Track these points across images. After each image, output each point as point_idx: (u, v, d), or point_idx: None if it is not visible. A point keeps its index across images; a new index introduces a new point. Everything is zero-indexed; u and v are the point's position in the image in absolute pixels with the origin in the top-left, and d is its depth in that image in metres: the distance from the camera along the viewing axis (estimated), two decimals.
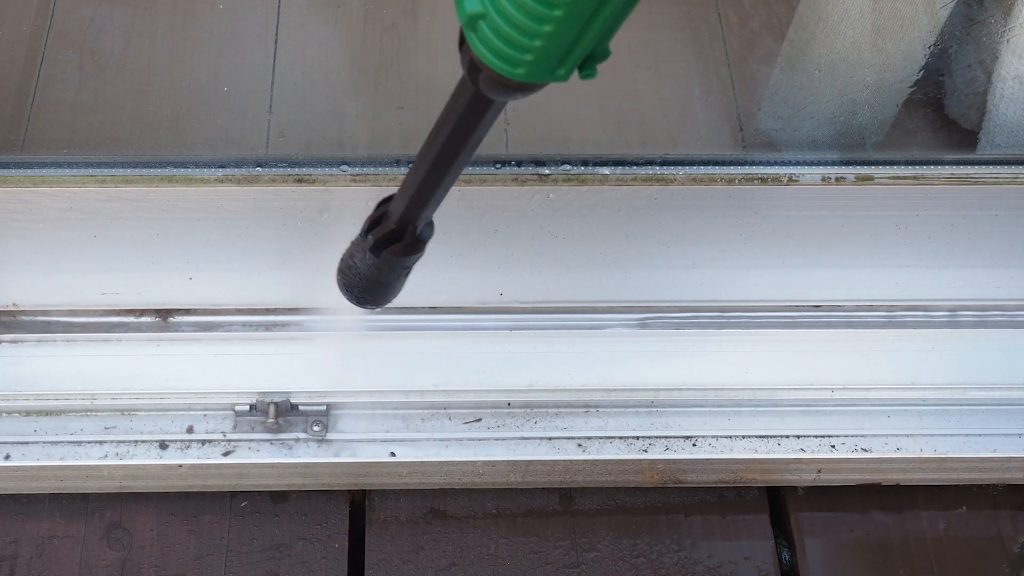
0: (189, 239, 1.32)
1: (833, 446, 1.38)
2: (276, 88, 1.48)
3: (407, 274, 1.07)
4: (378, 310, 1.17)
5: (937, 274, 1.41)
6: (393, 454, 1.35)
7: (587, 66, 0.78)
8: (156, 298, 1.38)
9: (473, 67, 0.80)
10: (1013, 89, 1.36)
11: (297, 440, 1.36)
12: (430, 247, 1.35)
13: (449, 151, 0.91)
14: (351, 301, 1.10)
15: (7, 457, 1.33)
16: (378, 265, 1.03)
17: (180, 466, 1.34)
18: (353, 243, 1.07)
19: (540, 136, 1.46)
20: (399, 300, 1.40)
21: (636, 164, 1.28)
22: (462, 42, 0.81)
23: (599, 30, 0.75)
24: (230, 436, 1.35)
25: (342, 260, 1.09)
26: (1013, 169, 1.30)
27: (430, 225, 1.04)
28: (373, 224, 1.02)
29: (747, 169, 1.29)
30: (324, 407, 1.36)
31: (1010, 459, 1.39)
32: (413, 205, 0.98)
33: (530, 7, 0.73)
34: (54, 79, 1.50)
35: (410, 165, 1.29)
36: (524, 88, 0.80)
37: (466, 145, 0.90)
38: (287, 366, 1.37)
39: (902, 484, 1.42)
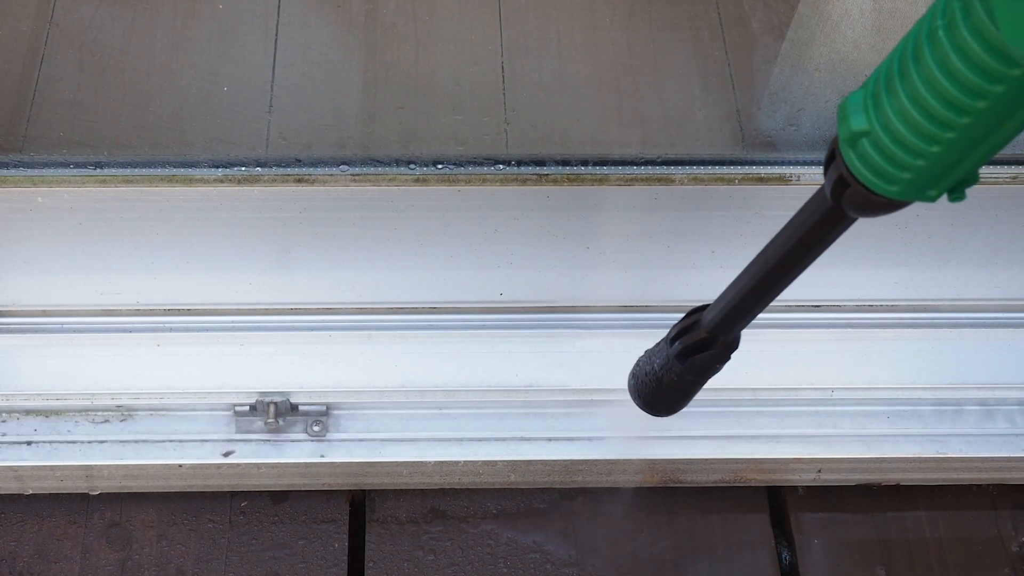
0: (189, 239, 1.32)
1: (833, 446, 1.38)
2: (276, 88, 1.48)
3: (701, 385, 1.10)
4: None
5: (937, 274, 1.41)
6: (393, 454, 1.35)
7: (957, 189, 0.78)
8: (156, 298, 1.38)
9: (840, 183, 0.80)
10: None
11: (297, 440, 1.36)
12: (432, 247, 1.36)
13: (784, 266, 0.91)
14: (640, 406, 1.14)
15: (7, 457, 1.33)
16: (679, 372, 1.06)
17: (180, 466, 1.34)
18: (650, 351, 1.10)
19: (540, 136, 1.46)
20: (399, 300, 1.41)
21: (636, 164, 1.28)
22: (831, 159, 0.81)
23: (983, 155, 0.75)
24: (230, 436, 1.35)
25: (637, 365, 1.12)
26: (1013, 169, 1.30)
27: (736, 338, 1.05)
28: (681, 332, 1.05)
29: (747, 169, 1.29)
30: (324, 407, 1.36)
31: (1010, 459, 1.39)
32: (729, 317, 1.00)
33: (924, 128, 0.73)
34: (54, 79, 1.50)
35: (407, 167, 1.30)
36: (889, 206, 0.80)
37: (802, 262, 0.91)
38: (287, 366, 1.37)
39: (902, 484, 1.42)
